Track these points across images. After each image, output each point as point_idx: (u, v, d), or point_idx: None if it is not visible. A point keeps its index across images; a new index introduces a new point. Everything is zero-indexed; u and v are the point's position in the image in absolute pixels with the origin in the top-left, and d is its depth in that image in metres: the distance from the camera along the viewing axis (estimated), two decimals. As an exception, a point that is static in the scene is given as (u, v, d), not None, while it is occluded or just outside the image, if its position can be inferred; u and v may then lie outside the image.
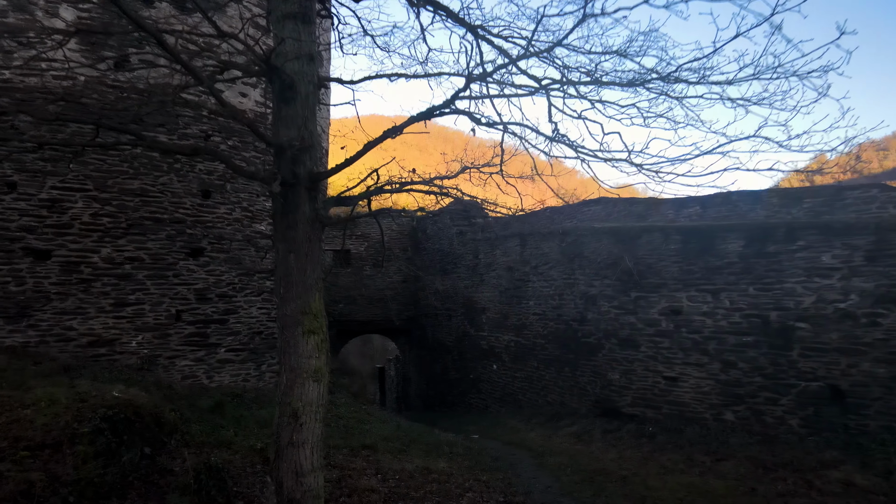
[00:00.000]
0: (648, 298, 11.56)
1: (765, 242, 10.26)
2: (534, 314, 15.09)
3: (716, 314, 10.73)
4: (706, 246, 10.87)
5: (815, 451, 8.93)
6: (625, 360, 11.95)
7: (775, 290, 10.13)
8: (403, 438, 11.12)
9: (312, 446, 5.01)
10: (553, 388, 14.22)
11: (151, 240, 11.67)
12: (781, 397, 10.00)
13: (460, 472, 9.12)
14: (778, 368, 10.05)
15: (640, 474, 8.94)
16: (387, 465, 9.06)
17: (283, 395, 5.07)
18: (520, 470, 9.72)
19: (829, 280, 9.65)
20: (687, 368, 11.04)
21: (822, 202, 10.41)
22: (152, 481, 7.35)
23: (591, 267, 12.87)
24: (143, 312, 11.54)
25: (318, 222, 5.21)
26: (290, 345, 5.06)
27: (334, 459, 9.11)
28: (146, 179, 11.64)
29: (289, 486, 4.89)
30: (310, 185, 5.13)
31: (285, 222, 5.11)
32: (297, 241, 5.08)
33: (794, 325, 9.93)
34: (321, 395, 5.11)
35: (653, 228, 11.65)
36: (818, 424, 9.61)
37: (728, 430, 10.31)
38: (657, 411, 11.38)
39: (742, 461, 8.99)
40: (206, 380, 12.24)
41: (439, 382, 21.03)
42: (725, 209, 11.42)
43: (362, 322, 23.83)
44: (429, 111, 5.17)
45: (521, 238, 15.66)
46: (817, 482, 7.90)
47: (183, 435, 9.28)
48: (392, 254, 24.42)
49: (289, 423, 4.96)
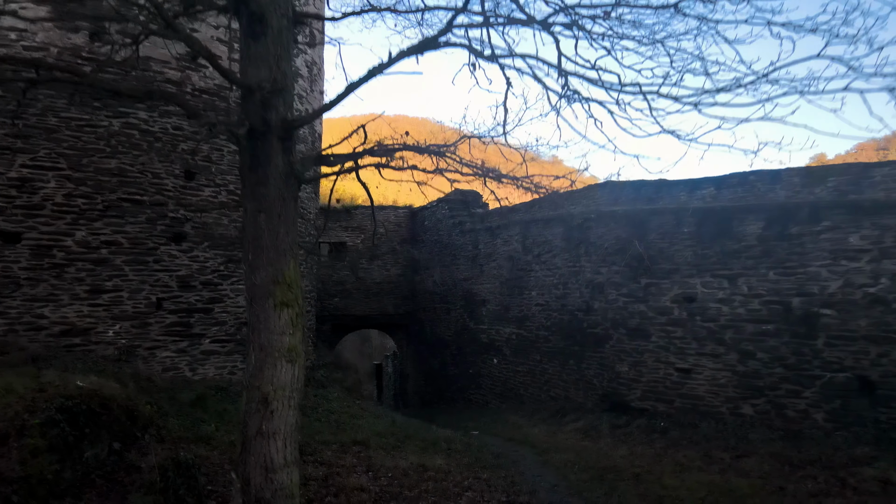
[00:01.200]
0: (660, 285, 10.84)
1: (786, 224, 9.55)
2: (536, 305, 14.37)
3: (733, 301, 10.01)
4: (722, 228, 10.15)
5: (844, 447, 8.22)
6: (634, 352, 11.23)
7: (798, 275, 9.41)
8: (398, 434, 10.41)
9: (285, 437, 4.30)
10: (557, 382, 13.51)
11: (130, 223, 10.94)
12: (805, 389, 9.29)
13: (459, 469, 8.41)
14: (801, 358, 9.34)
15: (655, 472, 8.23)
16: (379, 461, 8.35)
17: (251, 378, 4.35)
18: (523, 467, 9.01)
19: (858, 263, 8.94)
20: (701, 359, 10.32)
21: (848, 181, 9.70)
22: (117, 479, 6.63)
23: (597, 253, 12.15)
24: (120, 300, 10.82)
25: (292, 178, 4.49)
26: (259, 320, 4.35)
27: (322, 456, 8.41)
28: (124, 159, 10.91)
29: (257, 484, 4.17)
30: (283, 135, 4.41)
31: (254, 177, 4.39)
32: (268, 200, 4.37)
33: (818, 312, 9.22)
34: (295, 377, 4.39)
35: (664, 211, 10.93)
36: (846, 418, 8.90)
37: (747, 424, 9.60)
38: (669, 405, 10.66)
39: (765, 458, 8.27)
40: (189, 372, 11.51)
41: (438, 378, 20.32)
42: (742, 190, 10.70)
43: (358, 317, 23.12)
44: (421, 45, 4.45)
45: (523, 226, 14.94)
46: (851, 480, 7.19)
47: (159, 429, 8.57)
48: (389, 246, 23.71)
49: (257, 409, 4.25)
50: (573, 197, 14.10)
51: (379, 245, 23.47)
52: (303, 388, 4.45)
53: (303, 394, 4.45)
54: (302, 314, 4.49)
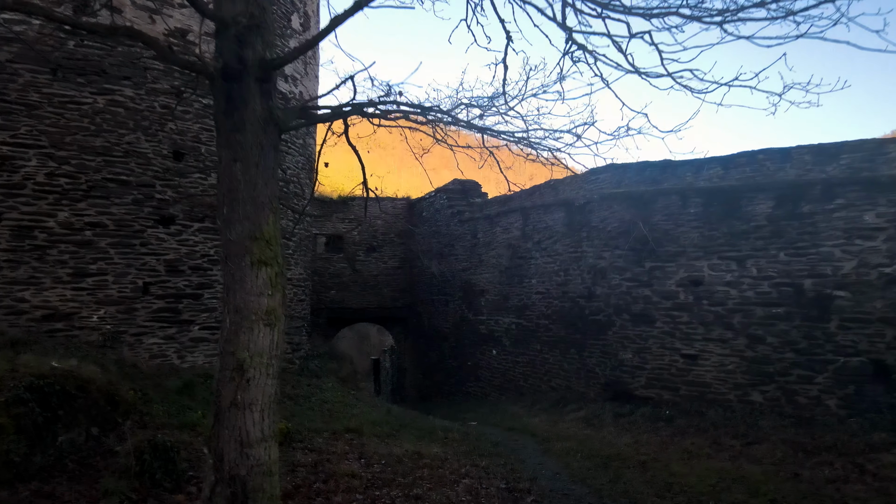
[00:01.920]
0: (665, 268, 10.45)
1: (797, 202, 9.16)
2: (536, 293, 13.98)
3: (741, 284, 9.63)
4: (730, 208, 9.76)
5: (860, 434, 7.83)
6: (638, 338, 10.84)
7: (810, 256, 9.03)
8: (393, 423, 10.03)
9: (263, 408, 3.90)
10: (558, 372, 13.11)
11: (116, 204, 10.54)
12: (817, 375, 8.90)
13: (456, 457, 8.02)
14: (813, 343, 8.95)
15: (661, 459, 7.84)
16: (372, 449, 7.96)
17: (225, 344, 3.95)
18: (523, 455, 8.62)
19: (873, 242, 8.55)
20: (708, 345, 9.93)
21: (863, 157, 9.32)
22: (91, 464, 6.24)
23: (599, 238, 11.76)
24: (105, 284, 10.41)
25: (272, 125, 4.09)
26: (234, 279, 3.95)
27: (313, 443, 8.04)
28: (110, 137, 10.51)
29: (231, 459, 3.77)
30: (261, 76, 4.01)
31: (229, 123, 3.99)
32: (244, 147, 3.97)
33: (831, 294, 8.84)
34: (275, 342, 3.99)
35: (670, 191, 10.53)
36: (860, 404, 8.51)
37: (756, 412, 9.21)
38: (674, 393, 10.27)
39: (777, 444, 7.89)
40: (178, 360, 11.11)
41: (436, 372, 19.93)
42: (750, 169, 10.32)
43: (355, 309, 22.72)
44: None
45: (523, 212, 14.55)
46: (869, 467, 6.81)
47: (142, 416, 8.21)
48: (387, 238, 23.33)
49: (232, 378, 3.85)
50: (575, 181, 13.73)
51: (376, 237, 23.09)
52: (282, 355, 4.05)
53: (282, 360, 4.05)
54: (283, 274, 4.09)
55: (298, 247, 14.46)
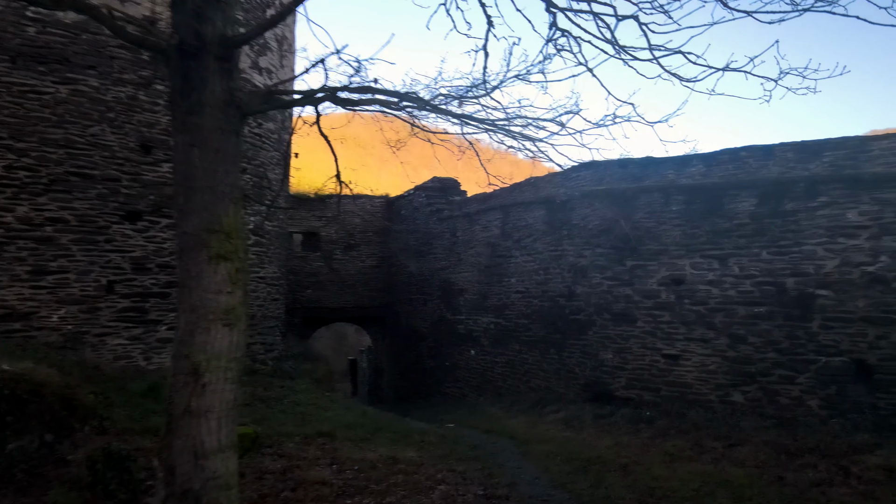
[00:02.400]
0: (646, 267, 10.28)
1: (780, 200, 9.04)
2: (516, 292, 13.76)
3: (723, 283, 9.49)
4: (713, 206, 9.62)
5: (842, 435, 7.71)
6: (619, 338, 10.66)
7: (792, 254, 8.91)
8: (368, 426, 9.70)
9: (220, 416, 3.59)
10: (537, 373, 12.90)
11: (78, 199, 10.09)
12: (798, 375, 8.79)
13: (432, 461, 7.74)
14: (795, 342, 8.84)
15: (643, 462, 7.64)
16: (345, 454, 7.65)
17: (179, 345, 3.63)
18: (502, 459, 8.38)
19: (856, 240, 8.46)
20: (690, 345, 9.78)
21: (845, 155, 9.23)
22: (41, 474, 5.85)
23: (580, 235, 11.56)
24: (67, 282, 9.96)
25: (233, 108, 3.78)
26: (190, 275, 3.63)
27: (283, 448, 7.69)
28: (73, 129, 10.06)
29: (184, 472, 3.46)
30: (221, 54, 3.69)
31: (186, 105, 3.66)
32: (203, 132, 3.65)
33: (813, 293, 8.73)
34: (234, 344, 3.68)
35: (652, 188, 10.37)
36: (842, 405, 8.41)
37: (737, 412, 9.07)
38: (655, 394, 10.11)
39: (759, 446, 7.74)
40: (144, 361, 10.68)
41: (413, 372, 19.62)
42: (733, 167, 10.19)
43: (332, 309, 22.31)
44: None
45: (503, 210, 14.32)
46: (854, 469, 6.67)
47: (102, 421, 7.79)
48: (365, 237, 22.96)
49: (186, 383, 3.53)
50: (555, 179, 13.52)
51: (354, 235, 22.73)
52: (243, 358, 3.74)
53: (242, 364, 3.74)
54: (245, 271, 3.77)
55: (272, 244, 14.07)
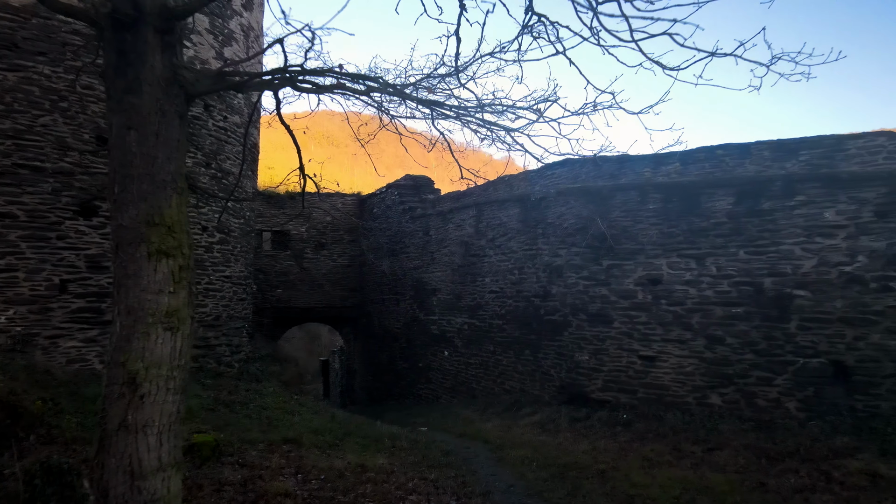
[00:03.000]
0: (623, 266, 10.08)
1: (758, 198, 8.90)
2: (490, 292, 13.48)
3: (700, 283, 9.33)
4: (690, 205, 9.45)
5: (822, 438, 7.58)
6: (595, 339, 10.44)
7: (770, 254, 8.78)
8: (337, 431, 9.33)
9: (161, 430, 3.20)
10: (511, 374, 12.64)
11: (28, 193, 9.52)
12: (776, 377, 8.65)
13: (403, 469, 7.40)
14: (772, 343, 8.70)
15: (621, 468, 7.40)
16: (311, 462, 7.26)
17: (114, 352, 3.24)
18: (475, 465, 8.07)
19: (833, 240, 8.35)
20: (667, 346, 9.60)
21: (822, 154, 9.14)
22: (-26, 489, 5.36)
23: (556, 234, 11.32)
24: (15, 281, 9.39)
25: (176, 87, 3.39)
26: (127, 273, 3.24)
27: (245, 457, 7.28)
28: (21, 119, 9.49)
29: (118, 494, 3.07)
30: (162, 26, 3.30)
31: (122, 83, 3.27)
32: (140, 113, 3.26)
33: (791, 293, 8.60)
34: (177, 350, 3.30)
35: (629, 186, 10.16)
36: (820, 407, 8.29)
37: (715, 415, 8.91)
38: (632, 396, 9.91)
39: (739, 450, 7.56)
40: (100, 364, 10.11)
41: (386, 373, 19.24)
42: (709, 165, 10.05)
43: (303, 309, 21.84)
44: None
45: (477, 208, 14.03)
46: (836, 474, 6.51)
47: (50, 429, 7.29)
48: (336, 235, 22.52)
49: (122, 394, 3.15)
50: (530, 177, 13.28)
51: (325, 234, 22.28)
52: (188, 366, 3.36)
53: (187, 373, 3.36)
54: (190, 269, 3.39)
55: (238, 241, 13.58)
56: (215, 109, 12.46)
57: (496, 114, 4.42)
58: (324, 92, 4.97)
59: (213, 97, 12.12)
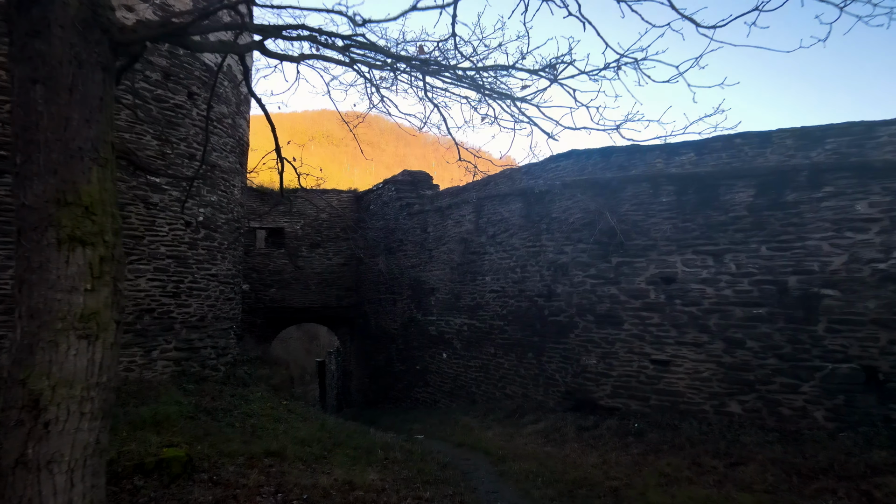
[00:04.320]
0: (634, 264, 9.38)
1: (781, 190, 8.21)
2: (491, 292, 12.79)
3: (718, 281, 8.63)
4: (707, 197, 8.76)
5: (856, 452, 6.88)
6: (603, 341, 9.75)
7: (795, 250, 8.08)
8: (326, 441, 8.64)
9: (73, 467, 2.51)
10: (513, 378, 11.95)
11: (-6, 184, 8.81)
12: (802, 383, 7.96)
13: (395, 486, 6.71)
14: (798, 347, 8.01)
15: (636, 485, 6.71)
16: (294, 479, 6.57)
17: (12, 367, 2.54)
18: (475, 481, 7.38)
19: (866, 234, 7.65)
20: (682, 349, 8.91)
21: (850, 142, 8.45)
22: None
23: (561, 230, 10.63)
24: (-21, 279, 8.68)
25: (98, 30, 2.69)
26: (30, 265, 2.55)
27: (220, 473, 6.58)
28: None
29: (12, 552, 2.36)
30: (78, -46, 2.59)
31: (26, 23, 2.57)
32: (50, 62, 2.57)
33: (818, 293, 7.90)
34: (98, 365, 2.60)
35: (640, 178, 9.47)
36: (851, 417, 7.60)
37: (735, 425, 8.22)
38: (644, 403, 9.22)
39: (765, 466, 6.87)
40: None
41: (383, 376, 18.55)
42: (727, 155, 9.36)
43: (297, 309, 21.16)
44: None
45: (477, 203, 13.34)
46: (877, 494, 5.83)
47: (5, 442, 6.55)
48: (332, 233, 21.83)
49: (21, 421, 2.45)
50: (533, 170, 12.58)
51: (321, 232, 21.62)
52: (111, 384, 2.66)
53: (109, 392, 2.66)
54: (117, 261, 2.70)
55: (226, 238, 12.88)
56: (200, 98, 11.76)
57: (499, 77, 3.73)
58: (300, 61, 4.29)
59: (196, 84, 11.42)
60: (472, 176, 5.84)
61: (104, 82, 2.75)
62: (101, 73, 2.73)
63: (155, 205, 10.59)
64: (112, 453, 6.56)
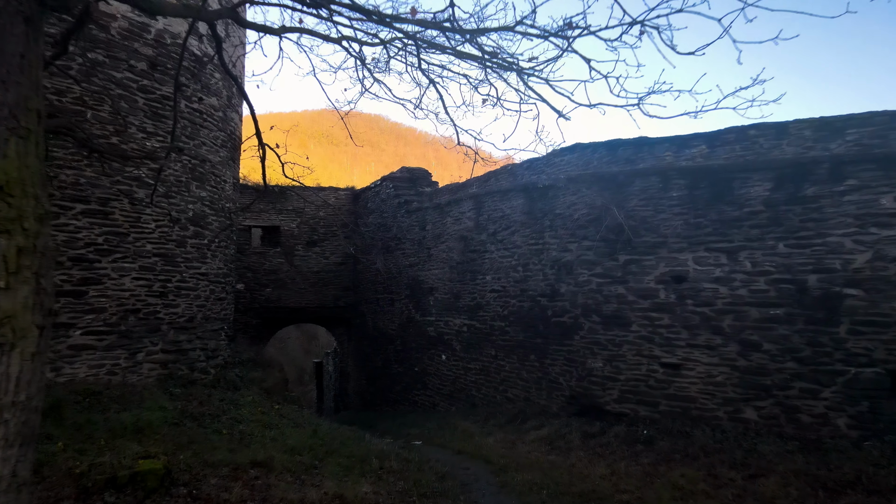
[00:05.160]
0: (642, 262, 8.91)
1: (800, 184, 7.74)
2: (491, 291, 12.32)
3: (732, 280, 8.16)
4: (720, 191, 8.29)
5: (884, 463, 6.41)
6: (610, 344, 9.28)
7: (815, 247, 7.61)
8: (318, 449, 8.17)
9: (-19, 507, 2.03)
10: (515, 382, 11.47)
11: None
12: (823, 389, 7.49)
13: (389, 500, 6.24)
14: (818, 350, 7.54)
15: (648, 499, 6.24)
16: (280, 493, 6.10)
17: None
18: (475, 493, 6.91)
19: (891, 230, 7.19)
20: (693, 352, 8.44)
21: (873, 132, 8.00)
22: None
23: (565, 227, 10.15)
24: (-50, 278, 8.21)
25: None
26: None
27: (201, 487, 6.12)
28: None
29: None
30: None
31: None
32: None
33: (841, 293, 7.43)
34: (15, 380, 2.12)
35: (649, 171, 9.00)
36: (876, 424, 7.13)
37: (751, 432, 7.75)
38: (653, 409, 8.75)
39: (787, 478, 6.40)
40: (52, 372, 8.99)
41: (380, 377, 18.09)
42: (740, 147, 8.90)
43: (293, 309, 20.69)
44: None
45: (477, 200, 12.86)
46: (913, 511, 5.35)
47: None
48: (329, 232, 21.36)
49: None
50: (535, 165, 12.12)
51: (317, 230, 21.14)
52: (36, 406, 2.19)
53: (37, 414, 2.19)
54: (41, 253, 2.22)
55: (218, 236, 12.41)
56: (189, 90, 11.29)
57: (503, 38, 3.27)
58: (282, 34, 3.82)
59: (185, 75, 10.94)
60: (471, 165, 5.37)
61: (27, 36, 2.27)
62: (23, 24, 2.26)
63: (140, 200, 10.12)
64: (83, 466, 6.10)
